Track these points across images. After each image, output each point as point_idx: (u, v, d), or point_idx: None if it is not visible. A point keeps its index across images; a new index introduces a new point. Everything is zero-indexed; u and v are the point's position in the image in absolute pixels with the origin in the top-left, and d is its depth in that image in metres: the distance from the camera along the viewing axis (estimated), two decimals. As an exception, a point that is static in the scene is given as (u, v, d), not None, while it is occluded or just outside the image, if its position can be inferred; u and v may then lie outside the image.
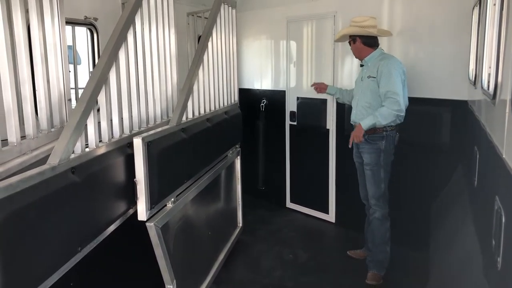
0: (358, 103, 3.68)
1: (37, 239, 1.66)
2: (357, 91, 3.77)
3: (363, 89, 3.64)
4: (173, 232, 2.82)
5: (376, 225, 3.64)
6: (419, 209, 4.09)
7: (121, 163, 2.39)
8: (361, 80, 3.70)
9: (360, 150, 3.69)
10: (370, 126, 3.47)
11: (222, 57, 3.84)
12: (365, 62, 3.69)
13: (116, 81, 2.40)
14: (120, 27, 2.46)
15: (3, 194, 1.50)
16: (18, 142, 1.96)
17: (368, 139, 3.56)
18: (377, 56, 3.62)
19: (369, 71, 3.59)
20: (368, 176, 3.64)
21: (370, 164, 3.60)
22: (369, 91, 3.57)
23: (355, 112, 3.72)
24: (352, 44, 3.71)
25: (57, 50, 2.38)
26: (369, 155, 3.60)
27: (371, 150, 3.58)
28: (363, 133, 3.48)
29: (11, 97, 1.91)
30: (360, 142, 3.54)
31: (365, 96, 3.61)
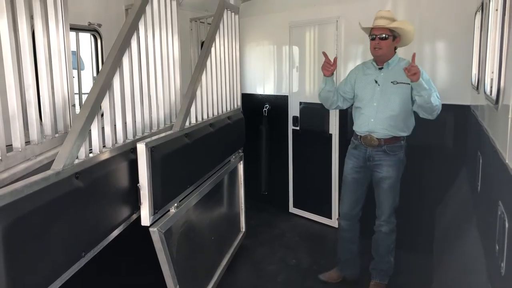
0: (379, 110, 3.26)
1: (41, 244, 1.67)
2: (372, 96, 3.31)
3: (386, 95, 3.25)
4: (176, 237, 2.82)
5: (382, 238, 3.46)
6: (423, 213, 4.08)
7: (125, 168, 2.40)
8: (377, 84, 3.29)
9: (375, 163, 3.34)
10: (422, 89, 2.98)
11: (225, 63, 3.86)
12: (386, 65, 3.30)
13: (120, 86, 2.41)
14: (124, 33, 2.47)
15: (8, 199, 1.51)
16: (22, 148, 1.97)
17: (387, 150, 3.28)
18: (398, 60, 3.31)
19: (394, 75, 3.23)
20: (384, 190, 3.34)
21: (391, 178, 3.32)
22: (398, 98, 3.22)
23: (374, 121, 3.27)
24: (386, 41, 3.20)
25: (61, 56, 2.39)
26: (389, 168, 3.31)
27: (391, 162, 3.30)
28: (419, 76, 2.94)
29: (16, 103, 1.92)
30: (417, 79, 2.93)
31: (391, 103, 3.23)
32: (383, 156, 3.30)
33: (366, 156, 3.37)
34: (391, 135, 3.27)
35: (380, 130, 3.26)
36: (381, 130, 3.26)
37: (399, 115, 3.24)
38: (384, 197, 3.36)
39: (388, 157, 3.30)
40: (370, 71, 3.38)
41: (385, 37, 3.19)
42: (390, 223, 3.40)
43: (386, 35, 3.19)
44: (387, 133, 3.26)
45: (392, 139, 3.28)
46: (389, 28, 3.18)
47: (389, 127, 3.25)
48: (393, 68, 3.28)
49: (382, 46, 3.21)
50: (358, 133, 3.39)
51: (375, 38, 3.22)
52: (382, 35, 3.19)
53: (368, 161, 3.37)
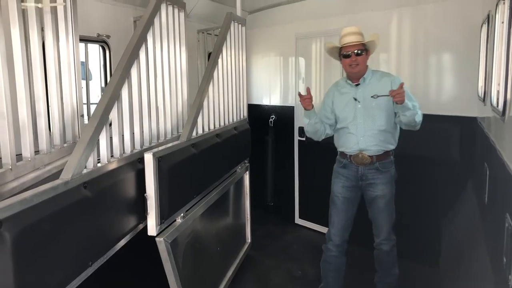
0: (366, 127, 3.16)
1: (49, 253, 1.68)
2: (355, 115, 3.20)
3: (369, 111, 3.15)
4: (182, 247, 2.83)
5: (384, 256, 3.35)
6: (429, 225, 4.06)
7: (132, 178, 2.42)
8: (357, 102, 3.18)
9: (368, 182, 3.23)
10: (407, 110, 2.94)
11: (231, 74, 3.89)
12: (363, 81, 3.21)
13: (128, 97, 2.44)
14: (132, 45, 2.51)
15: (18, 208, 1.53)
16: (32, 157, 2.00)
17: (380, 167, 3.19)
18: (372, 73, 3.24)
19: (372, 90, 3.15)
20: (381, 209, 3.24)
21: (385, 196, 3.22)
22: (383, 112, 3.13)
23: (364, 139, 3.16)
24: (362, 56, 3.14)
25: (71, 67, 2.43)
26: (383, 186, 3.21)
27: (385, 180, 3.21)
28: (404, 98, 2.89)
29: (26, 113, 1.95)
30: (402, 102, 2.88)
31: (377, 118, 3.14)
32: (376, 174, 3.21)
33: (358, 175, 3.25)
34: (383, 150, 3.19)
35: (372, 147, 3.16)
36: (372, 147, 3.16)
37: (387, 129, 3.17)
38: (382, 216, 3.26)
39: (381, 175, 3.21)
40: (346, 90, 3.28)
41: (360, 53, 3.12)
42: (390, 241, 3.31)
43: (361, 50, 3.12)
44: (379, 148, 3.17)
45: (383, 154, 3.19)
46: (362, 43, 3.13)
47: (380, 142, 3.17)
48: (369, 82, 3.21)
49: (359, 62, 3.13)
50: (347, 152, 3.26)
51: (350, 55, 3.12)
52: (358, 51, 3.11)
53: (360, 180, 3.26)
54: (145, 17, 2.68)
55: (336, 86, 3.41)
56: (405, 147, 4.14)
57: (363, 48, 3.14)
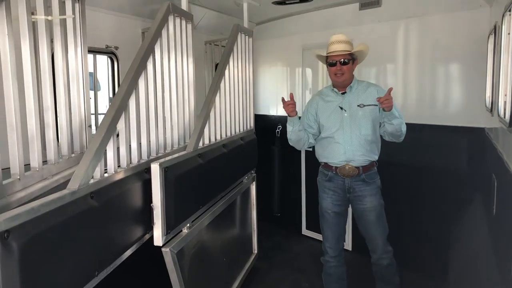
0: (353, 137, 3.09)
1: (56, 262, 1.69)
2: (341, 124, 3.13)
3: (356, 120, 3.10)
4: (189, 257, 2.82)
5: (385, 270, 3.24)
6: (437, 237, 4.03)
7: (139, 188, 2.43)
8: (344, 110, 3.13)
9: (356, 195, 3.16)
10: (394, 118, 2.93)
11: (238, 84, 3.91)
12: (349, 89, 3.17)
13: (136, 108, 2.45)
14: (140, 56, 2.53)
15: (25, 218, 1.54)
16: (40, 167, 2.01)
17: (366, 179, 3.13)
18: (358, 83, 3.21)
19: (358, 99, 3.12)
20: (373, 222, 3.15)
21: (376, 208, 3.14)
22: (369, 121, 3.09)
23: (351, 148, 3.09)
24: (348, 65, 3.09)
25: (79, 79, 2.46)
26: (372, 197, 3.14)
27: (372, 191, 3.15)
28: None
29: (35, 124, 1.97)
30: (390, 109, 2.87)
31: (364, 127, 3.09)
32: (363, 186, 3.13)
33: (345, 188, 3.18)
34: (369, 160, 3.12)
35: (358, 157, 3.09)
36: (359, 157, 3.09)
37: (372, 139, 3.12)
38: (375, 229, 3.16)
39: (368, 186, 3.13)
40: (331, 98, 3.22)
41: (346, 62, 3.07)
42: (388, 253, 3.20)
43: (347, 59, 3.08)
44: (365, 158, 3.11)
45: (369, 165, 3.13)
46: (349, 52, 3.08)
47: (366, 152, 3.11)
48: (356, 90, 3.17)
49: (344, 71, 3.08)
50: (332, 164, 3.18)
51: (336, 64, 3.08)
52: (344, 60, 3.07)
53: (348, 193, 3.18)
54: (153, 29, 2.71)
55: (320, 94, 3.36)
56: (411, 158, 4.14)
57: (350, 58, 3.09)
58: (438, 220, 4.04)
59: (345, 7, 4.66)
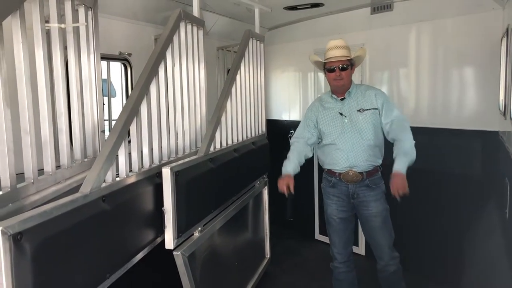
0: (355, 143, 3.05)
1: (68, 264, 1.72)
2: (342, 130, 3.10)
3: (357, 125, 3.06)
4: (200, 261, 2.84)
5: (392, 277, 3.17)
6: (450, 242, 3.98)
7: (150, 192, 2.46)
8: (344, 116, 3.10)
9: (360, 200, 3.11)
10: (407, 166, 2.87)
11: (250, 89, 3.94)
12: (348, 95, 3.14)
13: (147, 113, 2.49)
14: (151, 62, 2.57)
15: (38, 220, 1.58)
16: (53, 172, 2.06)
17: (370, 184, 3.08)
18: (356, 87, 3.17)
19: (358, 103, 3.10)
20: (379, 228, 3.10)
21: (381, 213, 3.09)
22: (370, 126, 3.05)
23: (354, 154, 3.05)
24: (347, 70, 3.07)
25: (92, 85, 2.50)
26: (376, 203, 3.08)
27: (377, 196, 3.09)
28: None
29: (48, 130, 2.02)
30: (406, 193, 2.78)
31: (365, 133, 3.05)
32: (367, 192, 3.08)
33: (349, 194, 3.14)
34: (372, 165, 3.08)
35: (362, 163, 3.05)
36: (362, 163, 3.05)
37: (375, 143, 3.07)
38: (381, 235, 3.11)
39: (372, 192, 3.08)
40: (331, 105, 3.20)
41: (345, 67, 3.05)
42: (395, 259, 3.15)
43: (346, 65, 3.05)
44: (368, 164, 3.07)
45: (373, 170, 3.09)
46: (348, 57, 3.06)
47: (369, 158, 3.06)
48: (355, 95, 3.14)
49: (343, 77, 3.05)
50: (335, 170, 3.14)
51: (335, 70, 3.05)
52: (343, 66, 3.05)
53: (352, 199, 3.14)
54: (164, 35, 2.76)
55: (319, 101, 3.33)
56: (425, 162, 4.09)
57: (349, 63, 3.07)
58: (450, 225, 3.99)
59: (357, 11, 4.66)
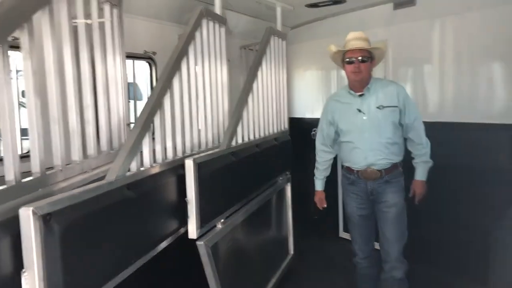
0: (374, 141, 2.96)
1: (94, 247, 1.81)
2: (360, 127, 3.00)
3: (375, 123, 2.96)
4: (223, 252, 2.89)
5: (397, 286, 3.05)
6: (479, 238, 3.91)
7: (174, 183, 2.53)
8: (362, 113, 2.99)
9: (377, 195, 3.04)
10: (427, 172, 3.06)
11: (271, 86, 3.98)
12: (367, 91, 3.00)
13: (170, 106, 2.57)
14: (174, 58, 2.66)
15: (66, 203, 1.67)
16: (80, 161, 2.15)
17: (388, 179, 3.01)
18: (375, 82, 3.04)
19: (377, 100, 2.97)
20: (390, 220, 3.00)
21: (396, 205, 3.00)
22: (389, 123, 2.95)
23: (372, 153, 2.98)
24: (366, 63, 2.94)
25: (118, 79, 2.60)
26: (393, 194, 3.00)
27: (394, 189, 3.01)
28: None
29: (75, 120, 2.11)
30: None
31: (384, 130, 2.95)
32: (384, 185, 3.01)
33: (367, 191, 3.07)
34: (391, 163, 3.00)
35: (380, 161, 2.97)
36: (381, 161, 2.97)
37: (394, 141, 2.99)
38: (391, 229, 3.01)
39: (390, 185, 3.00)
40: (348, 100, 3.07)
41: (365, 60, 2.92)
42: (402, 264, 3.03)
43: (366, 57, 2.92)
44: (387, 161, 2.99)
45: (392, 167, 3.00)
46: (367, 50, 2.95)
47: (388, 156, 2.98)
48: (374, 91, 3.00)
49: (362, 70, 2.91)
50: (354, 168, 3.09)
51: (354, 61, 2.93)
52: (363, 58, 2.92)
53: (371, 195, 3.07)
54: (187, 31, 2.84)
55: (335, 97, 3.25)
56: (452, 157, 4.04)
57: (368, 55, 2.95)
58: (476, 222, 3.92)
59: (379, 7, 4.64)
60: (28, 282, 1.49)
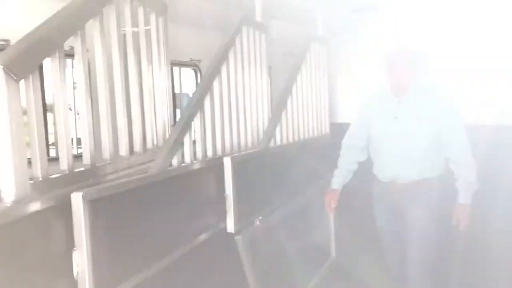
0: (405, 153, 2.70)
1: (136, 233, 1.98)
2: (391, 135, 2.74)
3: (408, 133, 2.68)
4: (261, 249, 2.99)
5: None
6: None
7: (213, 180, 2.69)
8: (397, 120, 2.72)
9: (404, 207, 2.77)
10: None
11: (312, 90, 4.07)
12: (407, 95, 2.73)
13: (210, 107, 2.74)
14: (215, 62, 2.83)
15: (112, 191, 1.85)
16: (127, 156, 2.34)
17: (417, 193, 2.72)
18: (419, 87, 2.73)
19: (419, 108, 2.67)
20: (414, 234, 2.74)
21: (423, 218, 2.73)
22: (429, 136, 2.67)
23: (399, 165, 2.72)
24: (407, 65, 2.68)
25: (162, 85, 2.80)
26: (421, 206, 2.72)
27: (421, 205, 2.72)
28: None
29: (123, 120, 2.31)
30: None
31: (417, 143, 2.68)
32: (412, 200, 2.73)
33: (396, 203, 2.81)
34: (422, 178, 2.72)
35: (408, 176, 2.72)
36: (410, 175, 2.71)
37: (428, 155, 2.69)
38: (414, 245, 2.73)
39: (418, 199, 2.72)
40: (385, 103, 2.82)
41: (406, 62, 2.68)
42: None
43: (406, 58, 2.70)
44: (417, 176, 2.71)
45: (422, 181, 2.71)
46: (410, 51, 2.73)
47: (419, 170, 2.71)
48: (414, 97, 2.71)
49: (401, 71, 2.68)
50: (381, 178, 2.85)
51: (394, 63, 2.71)
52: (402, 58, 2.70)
53: (398, 209, 2.82)
54: (227, 38, 3.01)
55: (373, 99, 3.00)
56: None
57: (410, 57, 2.70)
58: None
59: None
60: (77, 259, 1.67)
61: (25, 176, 1.55)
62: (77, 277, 1.68)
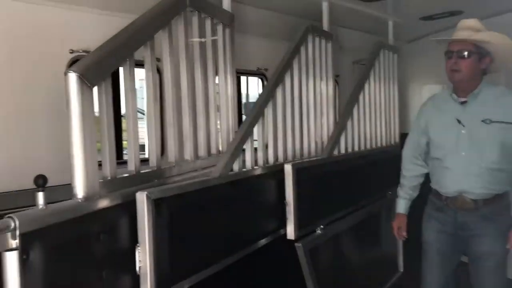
0: (472, 163, 2.34)
1: (197, 233, 2.07)
2: (456, 143, 2.39)
3: (477, 141, 2.34)
4: (322, 257, 2.98)
5: None
6: None
7: (274, 186, 2.73)
8: (461, 125, 2.37)
9: (472, 234, 2.40)
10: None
11: (380, 99, 3.99)
12: (473, 98, 2.37)
13: (272, 115, 2.78)
14: (278, 70, 2.89)
15: (175, 191, 1.96)
16: (191, 160, 2.45)
17: (488, 215, 2.35)
18: (488, 88, 2.39)
19: (485, 111, 2.33)
20: (487, 271, 2.40)
21: (497, 253, 2.37)
22: (499, 144, 2.31)
23: (466, 178, 2.36)
24: (468, 60, 2.29)
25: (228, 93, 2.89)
26: (493, 239, 2.35)
27: (496, 231, 2.35)
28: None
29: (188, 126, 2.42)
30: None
31: (488, 152, 2.32)
32: (482, 223, 2.37)
33: (456, 223, 2.44)
34: (493, 194, 2.37)
35: (477, 190, 2.35)
36: (477, 190, 2.35)
37: (500, 167, 2.34)
38: (488, 282, 2.41)
39: (491, 224, 2.36)
40: (448, 107, 2.46)
41: (466, 56, 2.28)
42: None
43: (468, 52, 2.28)
44: (487, 191, 2.36)
45: (494, 198, 2.37)
46: (473, 43, 2.30)
47: (488, 184, 2.34)
48: (483, 99, 2.37)
49: (461, 68, 2.29)
50: (442, 192, 2.48)
51: (452, 56, 2.32)
52: (462, 53, 2.28)
53: (460, 230, 2.44)
54: (292, 46, 3.05)
55: (433, 100, 2.68)
56: None
57: (473, 51, 2.29)
58: None
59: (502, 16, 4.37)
60: (140, 255, 1.78)
61: (95, 175, 1.67)
62: (140, 272, 1.78)
